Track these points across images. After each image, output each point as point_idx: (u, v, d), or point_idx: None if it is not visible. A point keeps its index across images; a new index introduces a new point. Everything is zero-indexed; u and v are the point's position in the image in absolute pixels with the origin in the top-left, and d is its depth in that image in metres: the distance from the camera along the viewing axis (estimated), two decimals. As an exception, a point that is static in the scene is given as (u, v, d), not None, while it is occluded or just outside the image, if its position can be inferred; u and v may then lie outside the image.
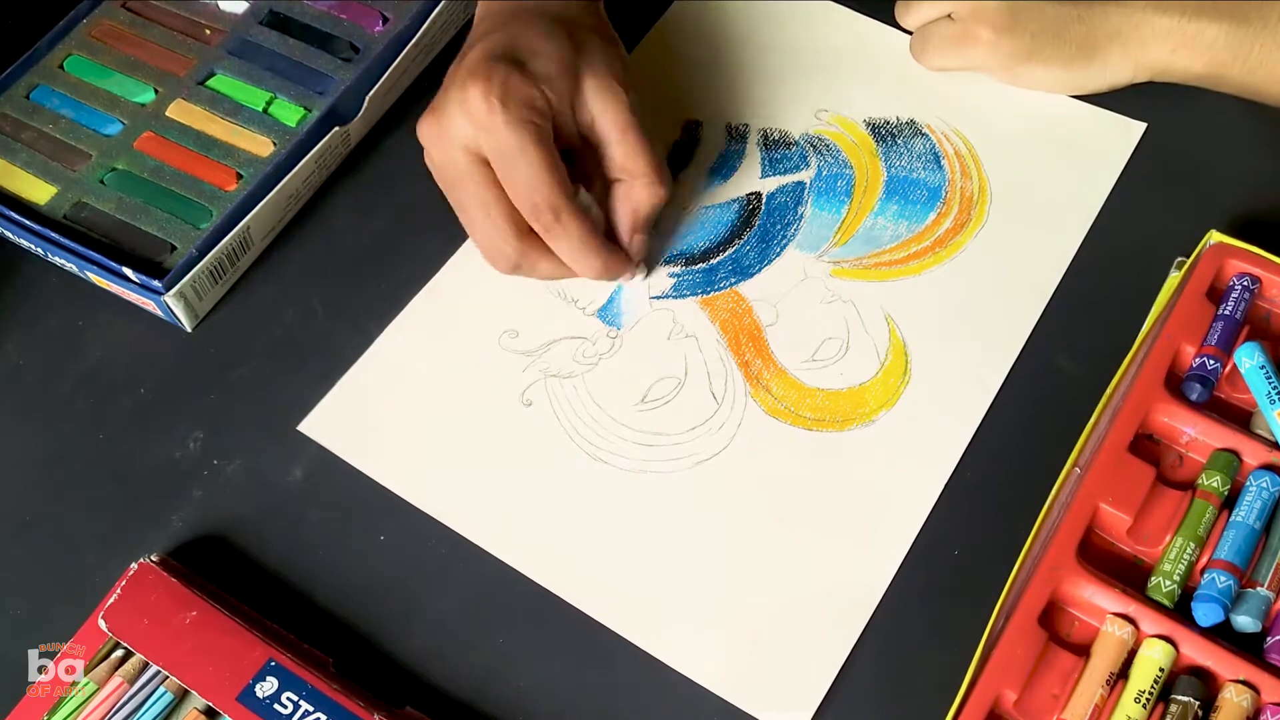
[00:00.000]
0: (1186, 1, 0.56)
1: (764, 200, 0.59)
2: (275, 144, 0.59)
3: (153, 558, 0.48)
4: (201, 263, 0.54)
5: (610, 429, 0.52)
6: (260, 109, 0.60)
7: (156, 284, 0.54)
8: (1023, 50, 0.59)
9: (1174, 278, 0.53)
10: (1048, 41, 0.59)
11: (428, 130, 0.51)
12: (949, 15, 0.61)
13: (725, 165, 0.60)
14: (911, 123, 0.61)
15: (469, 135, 0.49)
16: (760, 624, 0.48)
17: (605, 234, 0.54)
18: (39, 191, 0.58)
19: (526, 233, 0.51)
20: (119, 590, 0.46)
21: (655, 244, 0.57)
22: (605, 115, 0.52)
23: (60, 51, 0.62)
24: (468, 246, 0.58)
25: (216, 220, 0.56)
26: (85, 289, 0.57)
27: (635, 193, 0.53)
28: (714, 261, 0.57)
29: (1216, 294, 0.51)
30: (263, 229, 0.57)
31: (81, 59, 0.62)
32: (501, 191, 0.50)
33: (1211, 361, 0.49)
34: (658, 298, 0.56)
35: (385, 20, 0.63)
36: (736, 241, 0.58)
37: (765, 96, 0.62)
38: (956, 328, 0.54)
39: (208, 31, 0.63)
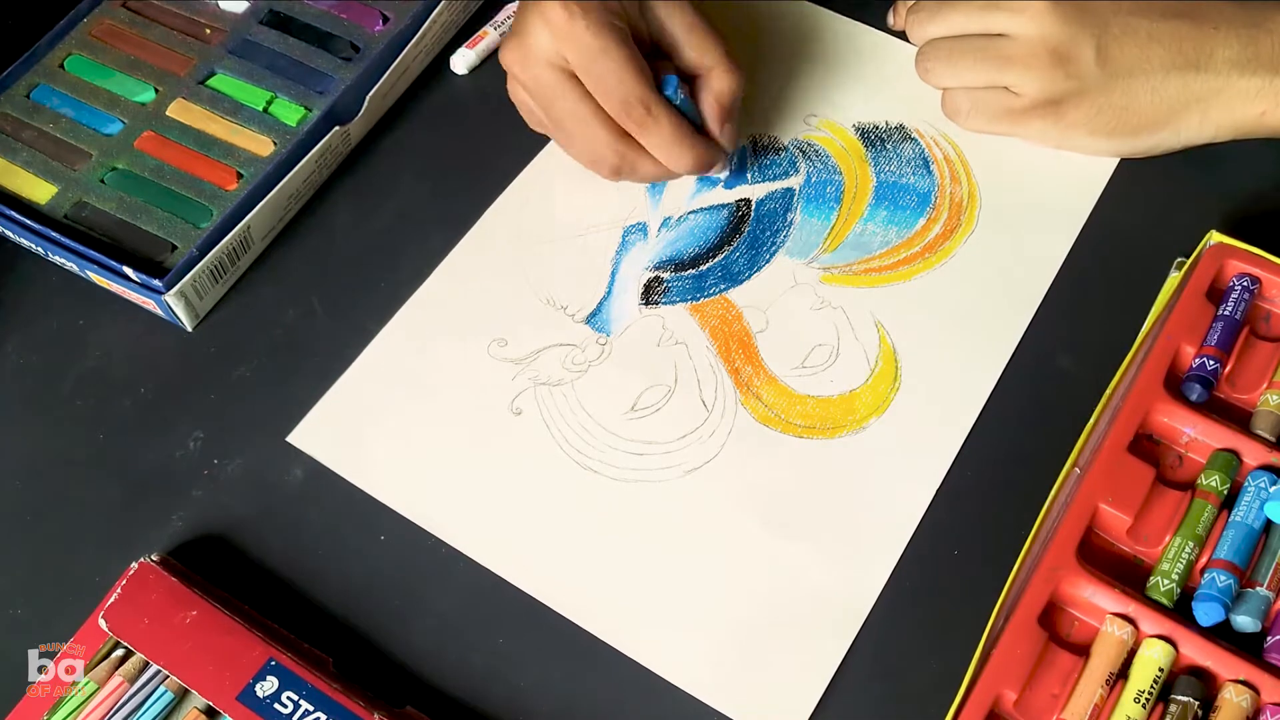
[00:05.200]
0: (1275, 54, 0.53)
1: (753, 206, 0.59)
2: (275, 143, 0.59)
3: (153, 557, 0.48)
4: (202, 262, 0.54)
5: (600, 438, 0.52)
6: (260, 108, 0.60)
7: (157, 283, 0.54)
8: (1083, 124, 0.56)
9: (1174, 278, 0.53)
10: (1114, 115, 0.55)
11: (512, 54, 0.53)
12: (1005, 87, 0.56)
13: None
14: (901, 128, 0.61)
15: (552, 50, 0.51)
16: (751, 632, 0.47)
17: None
18: (39, 191, 0.58)
19: (623, 135, 0.53)
20: (119, 590, 0.46)
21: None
22: (673, 17, 0.54)
23: (61, 51, 0.62)
24: (453, 256, 0.58)
25: (217, 220, 0.56)
26: (85, 289, 0.57)
27: (715, 82, 0.55)
28: (703, 268, 0.57)
29: (1216, 294, 0.51)
30: (263, 228, 0.57)
31: (82, 58, 0.62)
32: (592, 99, 0.52)
33: (1211, 362, 0.49)
34: (647, 304, 0.56)
35: (385, 20, 0.63)
36: (726, 248, 0.58)
37: (754, 102, 0.62)
38: (947, 334, 0.54)
39: (208, 31, 0.63)
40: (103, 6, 0.64)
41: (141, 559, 0.48)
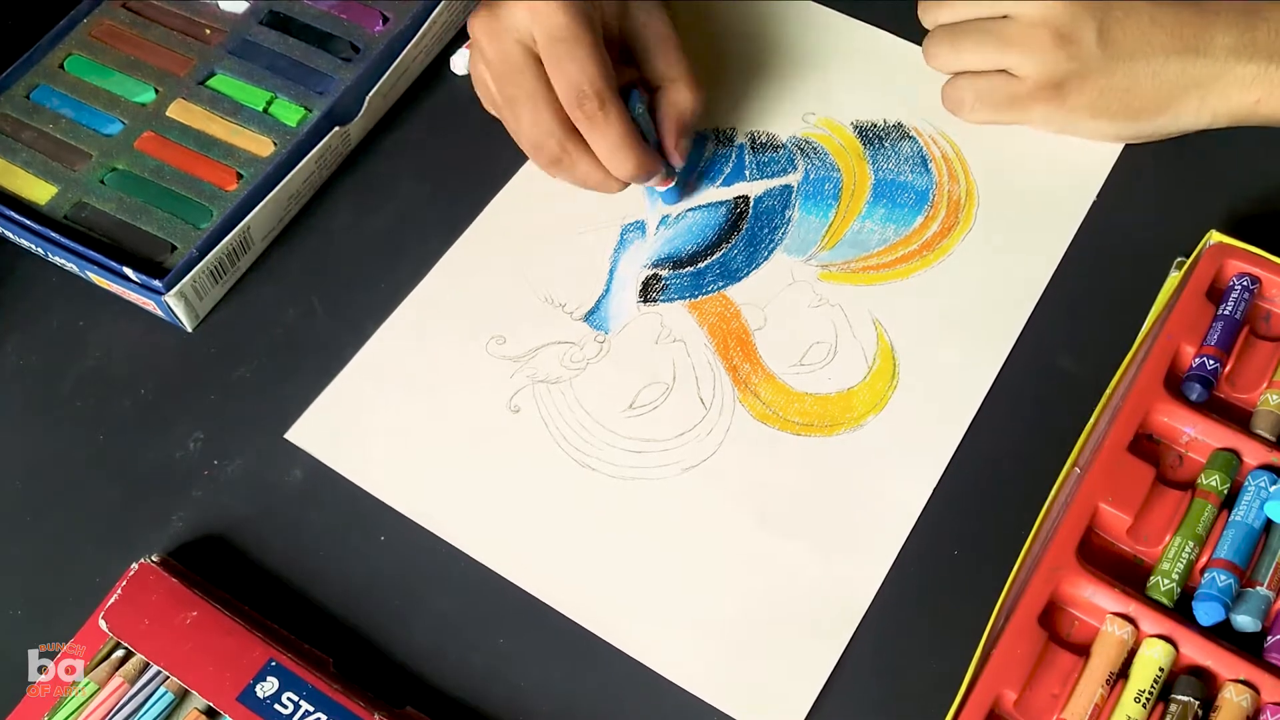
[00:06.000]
0: (1272, 42, 0.54)
1: (751, 204, 0.59)
2: (276, 144, 0.59)
3: (153, 558, 0.48)
4: (202, 263, 0.54)
5: (598, 435, 0.52)
6: (260, 109, 0.60)
7: (157, 284, 0.54)
8: (1086, 107, 0.56)
9: (1174, 278, 0.53)
10: (1116, 98, 0.55)
11: (482, 24, 0.53)
12: (1003, 70, 0.57)
13: (713, 169, 0.60)
14: (899, 126, 0.61)
15: (524, 26, 0.52)
16: (749, 630, 0.48)
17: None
18: (39, 191, 0.58)
19: (570, 130, 0.53)
20: (119, 590, 0.46)
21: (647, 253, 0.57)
22: (649, 25, 0.55)
23: (60, 51, 0.62)
24: (452, 253, 0.58)
25: (217, 220, 0.56)
26: (85, 289, 0.57)
27: (678, 96, 0.55)
28: (702, 265, 0.57)
29: (1216, 294, 0.51)
30: (263, 229, 0.57)
31: (82, 59, 0.62)
32: (550, 86, 0.52)
33: (1211, 361, 0.49)
34: (645, 302, 0.56)
35: (385, 20, 0.63)
36: (724, 245, 0.58)
37: (753, 100, 0.62)
38: (944, 331, 0.54)
39: (208, 31, 0.63)
40: (103, 7, 0.64)
41: (141, 559, 0.48)
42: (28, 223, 0.56)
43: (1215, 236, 0.52)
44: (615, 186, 0.56)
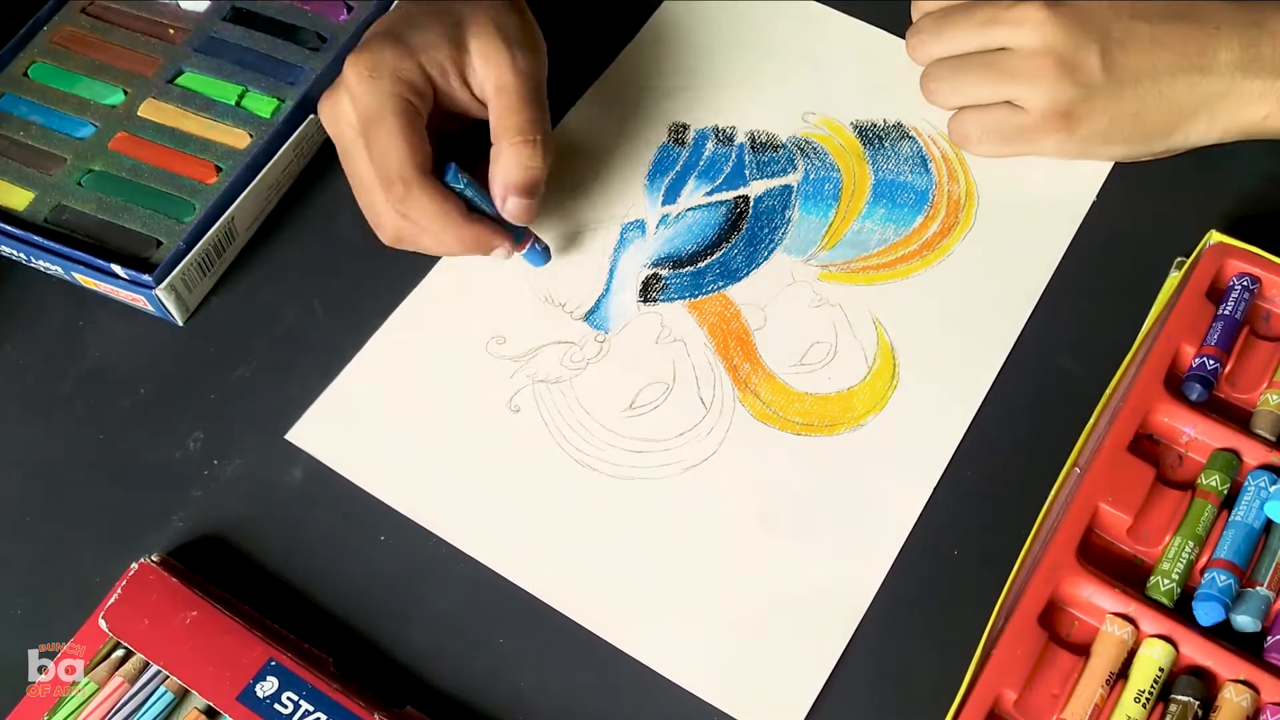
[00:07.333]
0: (1276, 55, 0.53)
1: (751, 204, 0.59)
2: (252, 135, 0.59)
3: (153, 558, 0.48)
4: (190, 254, 0.54)
5: (598, 435, 0.52)
6: (233, 103, 0.60)
7: (147, 278, 0.53)
8: (1098, 135, 0.55)
9: (1174, 278, 0.53)
10: (1126, 123, 0.55)
11: (323, 108, 0.52)
12: (1008, 101, 0.56)
13: (712, 168, 0.60)
14: (899, 125, 0.61)
15: (348, 109, 0.50)
16: (749, 629, 0.48)
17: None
18: (15, 198, 0.57)
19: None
20: (119, 590, 0.46)
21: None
22: (488, 77, 0.52)
23: (23, 60, 0.62)
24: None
25: (200, 213, 0.56)
26: (82, 289, 0.57)
27: (501, 155, 0.52)
28: (701, 265, 0.57)
29: (1216, 294, 0.51)
30: (246, 219, 0.57)
31: (46, 66, 0.62)
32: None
33: (1211, 361, 0.49)
34: (645, 301, 0.56)
35: (350, 9, 0.63)
36: (724, 245, 0.58)
37: (753, 99, 0.62)
38: (944, 331, 0.54)
39: (171, 31, 0.63)
40: (62, 13, 0.63)
41: (141, 559, 0.48)
42: (7, 228, 0.55)
43: (1215, 236, 0.52)
44: (480, 252, 0.53)
